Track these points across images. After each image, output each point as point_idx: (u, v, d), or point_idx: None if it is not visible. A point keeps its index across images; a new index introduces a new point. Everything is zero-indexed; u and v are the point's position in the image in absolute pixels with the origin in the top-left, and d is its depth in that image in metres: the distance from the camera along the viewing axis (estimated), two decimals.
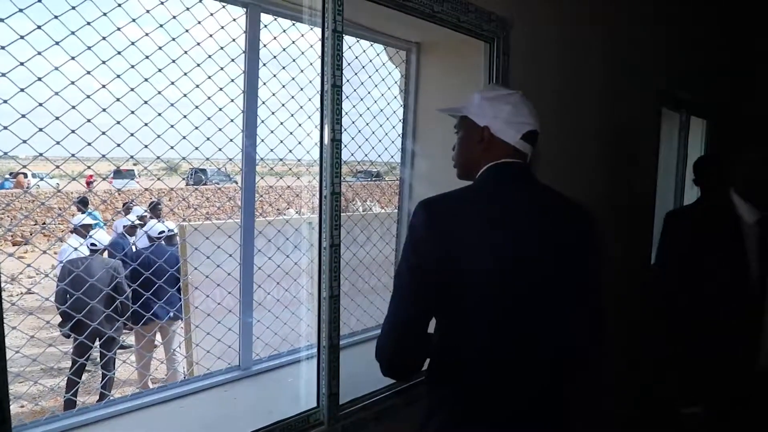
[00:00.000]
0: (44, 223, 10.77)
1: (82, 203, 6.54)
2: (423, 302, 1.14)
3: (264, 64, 1.93)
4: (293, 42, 2.02)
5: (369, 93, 2.35)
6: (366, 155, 2.36)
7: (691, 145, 4.06)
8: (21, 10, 1.39)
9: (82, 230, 4.79)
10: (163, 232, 4.69)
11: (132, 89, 1.65)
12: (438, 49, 2.38)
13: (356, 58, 2.24)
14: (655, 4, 3.32)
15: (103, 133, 1.60)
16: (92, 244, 4.49)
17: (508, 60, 2.14)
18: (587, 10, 2.70)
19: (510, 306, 1.14)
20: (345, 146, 1.61)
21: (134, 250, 5.29)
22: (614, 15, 2.92)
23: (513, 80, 2.16)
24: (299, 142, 2.10)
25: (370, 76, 2.33)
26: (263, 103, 1.97)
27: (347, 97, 1.83)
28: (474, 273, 1.11)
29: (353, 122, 2.28)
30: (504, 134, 1.21)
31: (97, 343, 4.28)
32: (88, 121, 1.58)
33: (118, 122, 1.63)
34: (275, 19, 1.92)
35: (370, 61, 2.32)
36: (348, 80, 2.00)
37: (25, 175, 12.37)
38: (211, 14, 1.79)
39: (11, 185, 14.13)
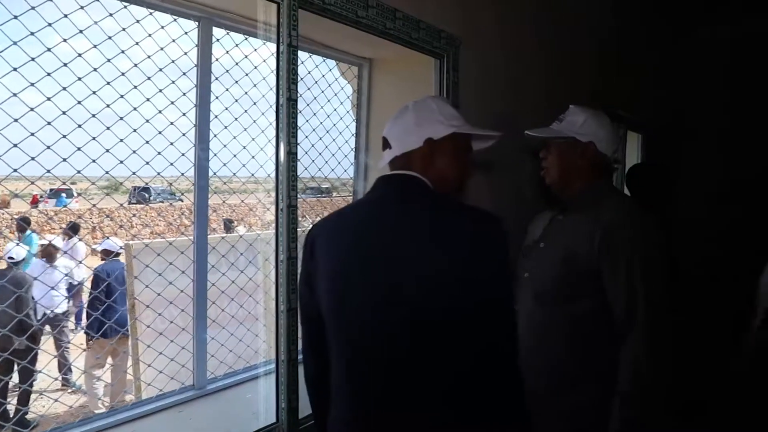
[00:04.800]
0: None
1: (21, 229, 6.17)
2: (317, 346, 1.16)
3: (216, 78, 1.92)
4: (246, 56, 2.02)
5: (322, 107, 2.36)
6: (320, 169, 2.37)
7: (627, 154, 4.31)
8: None
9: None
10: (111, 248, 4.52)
11: (79, 102, 1.60)
12: (390, 65, 2.43)
13: (309, 73, 2.26)
14: (588, 24, 3.50)
15: (48, 147, 1.54)
16: (10, 257, 4.30)
17: (458, 75, 2.22)
18: (531, 30, 2.82)
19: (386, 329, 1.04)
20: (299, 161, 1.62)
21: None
22: (554, 35, 3.06)
23: (462, 95, 2.23)
24: (252, 157, 2.09)
25: (323, 91, 2.35)
26: (216, 117, 1.95)
27: (300, 111, 1.84)
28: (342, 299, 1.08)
29: (306, 137, 2.28)
30: None
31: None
32: (32, 135, 1.52)
33: (64, 136, 1.58)
34: (228, 34, 1.91)
35: (323, 76, 2.34)
36: (300, 95, 2.00)
37: None
38: (162, 27, 1.77)
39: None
